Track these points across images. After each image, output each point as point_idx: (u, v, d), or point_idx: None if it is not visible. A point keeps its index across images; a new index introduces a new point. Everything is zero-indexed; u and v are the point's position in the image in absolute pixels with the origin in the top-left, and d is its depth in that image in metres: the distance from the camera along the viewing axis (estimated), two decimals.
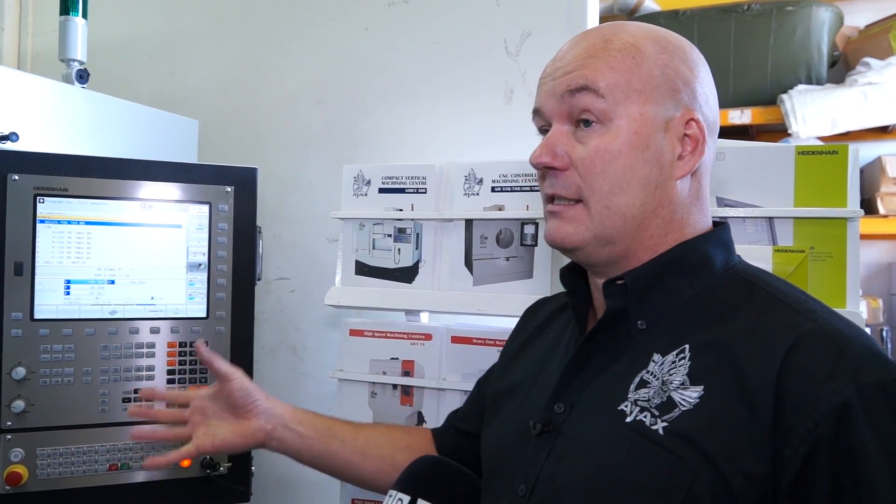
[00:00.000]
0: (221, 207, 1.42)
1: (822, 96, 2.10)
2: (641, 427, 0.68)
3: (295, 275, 1.88)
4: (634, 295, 0.74)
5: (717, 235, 0.78)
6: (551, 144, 0.75)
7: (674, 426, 0.66)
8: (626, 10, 2.42)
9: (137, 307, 1.38)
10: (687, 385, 0.68)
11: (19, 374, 1.28)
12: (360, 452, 1.02)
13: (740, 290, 0.73)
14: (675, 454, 0.65)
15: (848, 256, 1.02)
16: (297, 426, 1.01)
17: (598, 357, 0.76)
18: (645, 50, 0.74)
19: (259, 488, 1.62)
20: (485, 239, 1.33)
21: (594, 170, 0.73)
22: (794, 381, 0.62)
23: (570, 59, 0.76)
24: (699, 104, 0.75)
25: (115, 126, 1.59)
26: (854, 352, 0.63)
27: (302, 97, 1.88)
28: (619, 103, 0.73)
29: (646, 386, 0.71)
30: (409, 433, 1.10)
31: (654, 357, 0.72)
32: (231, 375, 1.01)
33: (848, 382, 0.61)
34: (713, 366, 0.68)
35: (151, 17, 2.05)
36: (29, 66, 2.12)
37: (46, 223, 1.31)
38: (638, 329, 0.74)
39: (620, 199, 0.73)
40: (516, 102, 1.64)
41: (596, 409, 0.74)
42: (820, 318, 0.67)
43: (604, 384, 0.75)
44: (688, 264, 0.75)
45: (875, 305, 2.18)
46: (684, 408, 0.67)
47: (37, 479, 1.29)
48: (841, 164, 1.03)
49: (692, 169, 0.75)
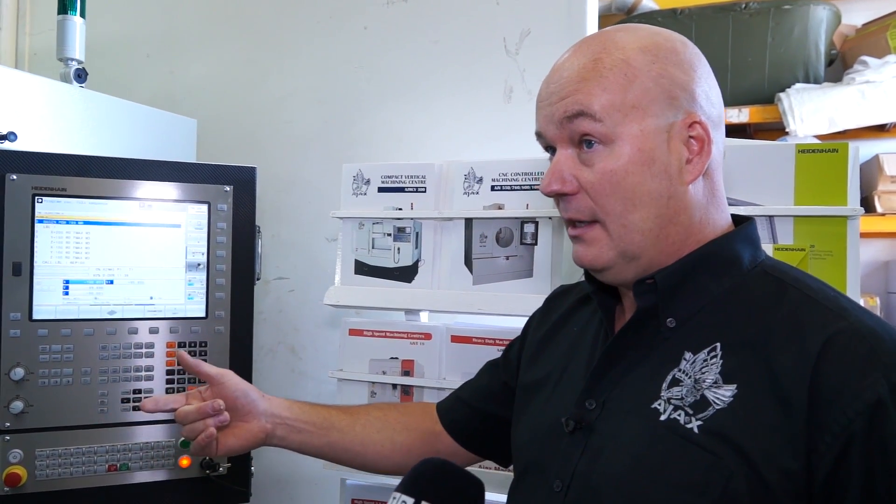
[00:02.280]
0: (220, 207, 1.42)
1: (820, 95, 2.10)
2: (676, 425, 0.69)
3: (294, 274, 1.88)
4: (664, 293, 0.75)
5: (744, 232, 0.78)
6: (558, 171, 0.76)
7: (708, 424, 0.68)
8: (624, 9, 2.41)
9: (136, 307, 1.37)
10: (720, 384, 0.69)
11: (18, 374, 1.28)
12: (359, 441, 1.03)
13: (770, 288, 0.73)
14: (710, 452, 0.66)
15: (848, 254, 1.02)
16: (295, 422, 1.02)
17: (628, 355, 0.77)
18: (636, 64, 0.74)
19: (258, 488, 1.62)
20: (484, 238, 1.33)
21: (604, 192, 0.74)
22: (827, 378, 0.63)
23: (563, 83, 0.76)
24: (699, 104, 0.75)
25: (114, 125, 1.58)
26: (886, 349, 0.64)
27: (301, 96, 1.88)
28: (617, 123, 0.73)
29: (678, 384, 0.71)
30: (405, 412, 1.10)
31: (685, 355, 0.72)
32: (221, 378, 1.00)
33: (881, 380, 0.62)
34: (746, 364, 0.68)
35: (150, 16, 2.05)
36: (27, 65, 2.11)
37: (45, 223, 1.31)
38: (668, 327, 0.75)
39: (635, 216, 0.74)
40: (516, 101, 1.64)
41: (629, 407, 0.75)
42: (852, 316, 0.67)
43: (635, 382, 0.76)
44: (717, 262, 0.76)
45: (872, 303, 2.18)
46: (718, 406, 0.68)
47: (36, 479, 1.29)
48: (841, 162, 1.03)
49: (702, 171, 0.75)
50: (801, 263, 1.02)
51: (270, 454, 1.82)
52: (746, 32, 2.21)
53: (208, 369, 1.00)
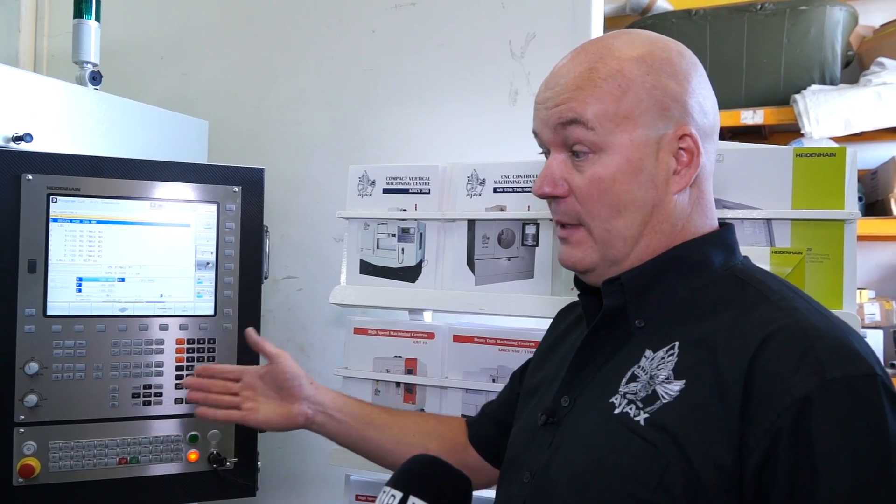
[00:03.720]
0: (229, 207, 1.45)
1: (836, 96, 2.07)
2: (626, 418, 0.72)
3: (302, 274, 1.91)
4: (632, 294, 0.77)
5: (717, 236, 0.80)
6: (550, 174, 0.79)
7: (653, 417, 0.70)
8: (639, 10, 2.40)
9: (147, 304, 1.41)
10: (671, 379, 0.71)
11: (32, 369, 1.32)
12: (395, 440, 1.07)
13: (732, 289, 0.75)
14: (651, 443, 0.69)
15: (845, 258, 1.02)
16: (336, 413, 1.07)
17: (600, 353, 0.80)
18: (630, 75, 0.75)
19: (265, 483, 1.65)
20: (487, 239, 1.34)
21: (592, 198, 0.76)
22: (761, 374, 0.65)
23: (559, 89, 0.77)
24: (691, 116, 0.76)
25: (127, 127, 1.62)
26: (825, 346, 0.64)
27: (309, 98, 1.91)
28: (609, 133, 0.75)
29: (635, 380, 0.74)
30: (442, 423, 1.14)
31: (646, 353, 0.75)
32: (279, 357, 1.07)
33: (812, 376, 0.62)
34: (697, 361, 0.70)
35: (163, 20, 2.09)
36: (45, 67, 2.16)
37: (59, 222, 1.35)
38: (636, 327, 0.77)
39: (619, 223, 0.76)
40: (521, 103, 1.65)
41: (592, 402, 0.78)
42: (798, 314, 0.68)
43: (602, 379, 0.78)
44: (685, 264, 0.77)
45: (889, 307, 2.15)
46: (665, 400, 0.70)
47: (49, 471, 1.33)
48: (839, 165, 1.03)
49: (688, 182, 0.77)
50: (798, 266, 1.02)
51: (277, 449, 1.85)
52: (762, 33, 2.18)
53: (268, 348, 1.08)
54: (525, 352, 1.28)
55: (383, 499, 0.82)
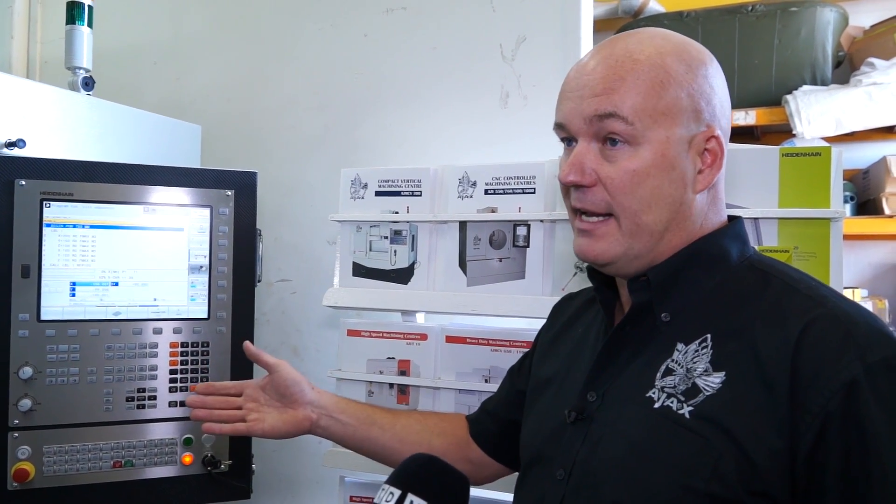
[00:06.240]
0: (222, 211, 1.46)
1: (827, 97, 2.08)
2: (669, 412, 0.73)
3: (296, 277, 1.92)
4: (657, 290, 0.78)
5: (732, 229, 0.81)
6: (579, 163, 0.77)
7: (699, 410, 0.71)
8: (631, 12, 2.41)
9: (140, 308, 1.41)
10: (710, 372, 0.72)
11: (26, 373, 1.32)
12: (399, 439, 1.08)
13: (756, 280, 0.77)
14: (700, 435, 0.70)
15: (831, 256, 1.03)
16: (339, 415, 1.08)
17: (626, 349, 0.81)
18: (671, 71, 0.75)
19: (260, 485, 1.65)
20: (478, 240, 1.35)
21: (623, 189, 0.76)
22: (806, 361, 0.67)
23: (597, 77, 0.76)
24: (718, 118, 0.78)
25: (120, 132, 1.63)
26: (861, 332, 0.68)
27: (302, 102, 1.92)
28: (647, 128, 0.75)
29: (671, 374, 0.75)
30: (443, 420, 1.14)
31: (677, 346, 0.76)
32: (278, 366, 1.07)
33: (855, 360, 0.65)
34: (734, 352, 0.72)
35: (156, 25, 2.10)
36: (38, 73, 2.17)
37: (52, 227, 1.35)
38: (662, 321, 0.78)
39: (648, 217, 0.77)
40: (511, 106, 1.65)
41: (626, 397, 0.78)
42: (829, 303, 0.71)
43: (633, 374, 0.79)
44: (706, 258, 0.79)
45: (881, 306, 2.16)
46: (708, 393, 0.71)
47: (43, 475, 1.33)
48: (824, 165, 1.04)
49: (711, 183, 0.78)
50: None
51: (272, 452, 1.85)
52: (753, 34, 2.20)
53: (267, 358, 1.08)
54: (517, 352, 1.29)
55: (382, 496, 0.83)
